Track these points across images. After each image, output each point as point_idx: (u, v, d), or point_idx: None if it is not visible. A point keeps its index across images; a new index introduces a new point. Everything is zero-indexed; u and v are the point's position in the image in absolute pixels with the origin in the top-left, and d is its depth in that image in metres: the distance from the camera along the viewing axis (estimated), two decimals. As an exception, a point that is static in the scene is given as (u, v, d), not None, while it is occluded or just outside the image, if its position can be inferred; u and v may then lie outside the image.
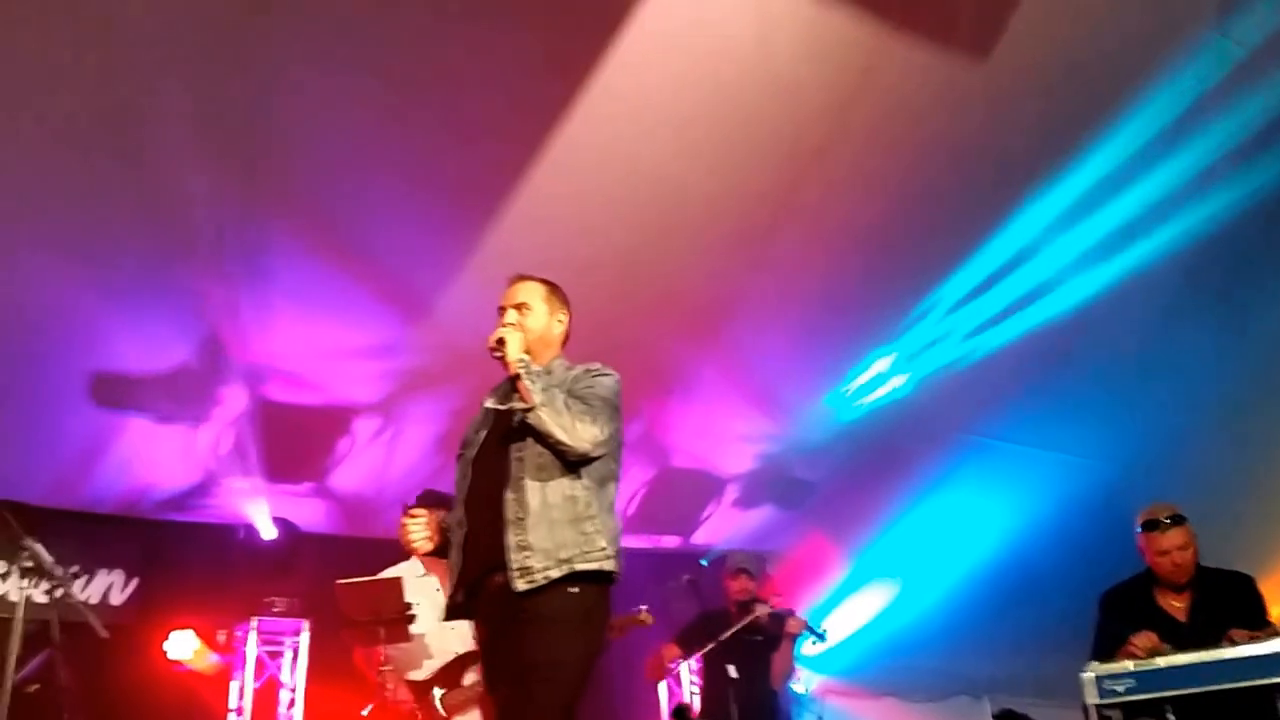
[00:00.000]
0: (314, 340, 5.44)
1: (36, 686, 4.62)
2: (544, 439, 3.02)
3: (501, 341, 3.10)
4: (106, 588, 5.84)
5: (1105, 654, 3.59)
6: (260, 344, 5.42)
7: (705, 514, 7.14)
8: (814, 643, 5.50)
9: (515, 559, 2.95)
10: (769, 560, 7.80)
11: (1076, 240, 5.85)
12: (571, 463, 3.04)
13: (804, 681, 7.85)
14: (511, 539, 2.98)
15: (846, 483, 7.24)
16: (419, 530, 3.23)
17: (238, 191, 4.74)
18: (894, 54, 4.87)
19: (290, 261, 5.07)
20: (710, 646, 5.11)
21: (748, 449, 6.93)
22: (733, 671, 4.94)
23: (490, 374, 3.23)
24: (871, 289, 5.90)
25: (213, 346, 5.38)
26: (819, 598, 7.79)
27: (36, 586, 4.98)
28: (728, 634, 5.08)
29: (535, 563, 2.95)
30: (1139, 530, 3.87)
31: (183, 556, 6.06)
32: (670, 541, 7.16)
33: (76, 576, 5.55)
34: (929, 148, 5.28)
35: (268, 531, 5.97)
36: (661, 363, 6.04)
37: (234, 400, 5.62)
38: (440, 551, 3.28)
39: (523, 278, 3.32)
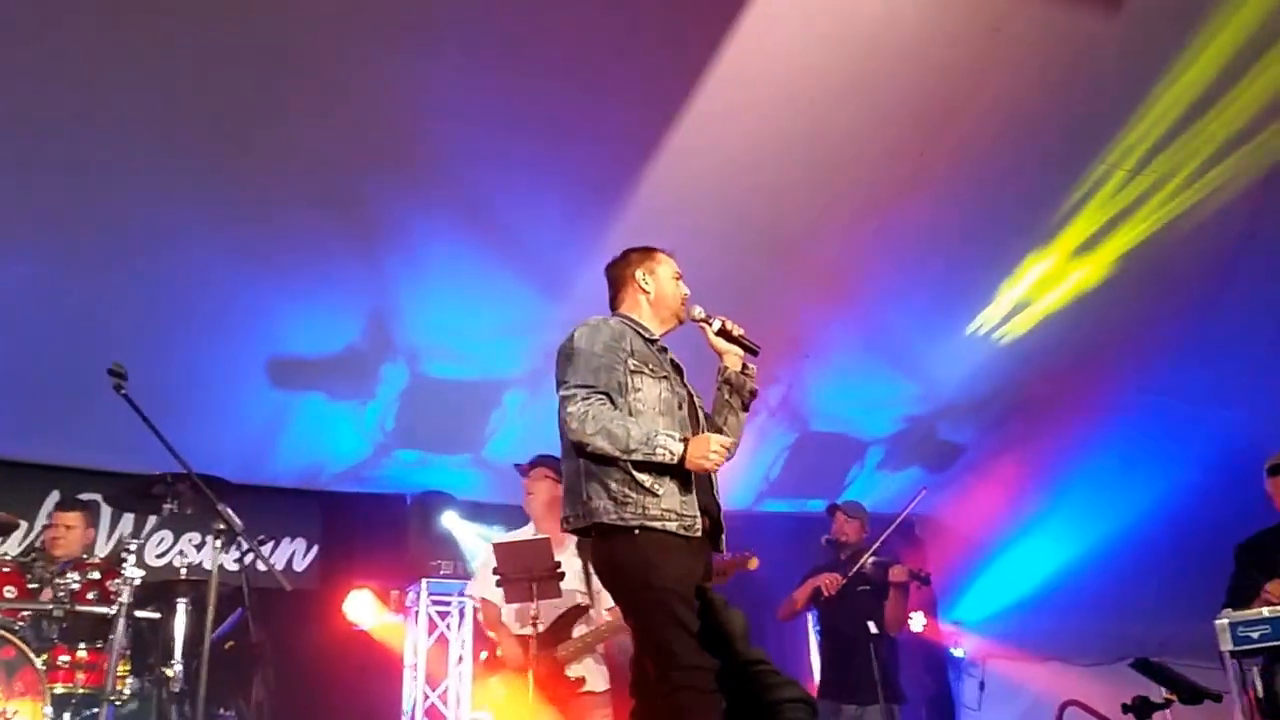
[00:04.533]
0: (464, 319, 5.78)
1: (231, 644, 5.10)
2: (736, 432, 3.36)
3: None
4: (290, 555, 6.46)
5: (1241, 603, 3.54)
6: (417, 324, 5.81)
7: (849, 478, 7.19)
8: (919, 588, 5.59)
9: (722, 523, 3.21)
10: (917, 525, 7.82)
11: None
12: None
13: (965, 645, 7.83)
14: (720, 505, 3.21)
15: (997, 444, 7.17)
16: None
17: (393, 182, 5.09)
18: (1021, 13, 4.79)
19: (441, 246, 5.40)
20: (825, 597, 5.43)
21: (889, 411, 6.94)
22: (873, 627, 5.09)
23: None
24: (1002, 249, 5.82)
25: (375, 328, 5.79)
26: (974, 560, 7.75)
27: (228, 553, 5.51)
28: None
29: None
30: (1267, 475, 3.78)
31: (358, 525, 6.59)
32: (813, 505, 7.22)
33: (263, 544, 6.09)
34: (1059, 106, 5.16)
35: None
36: (797, 327, 6.11)
37: (396, 377, 6.04)
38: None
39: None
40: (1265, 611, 3.37)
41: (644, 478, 3.05)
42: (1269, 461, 3.94)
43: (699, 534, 3.08)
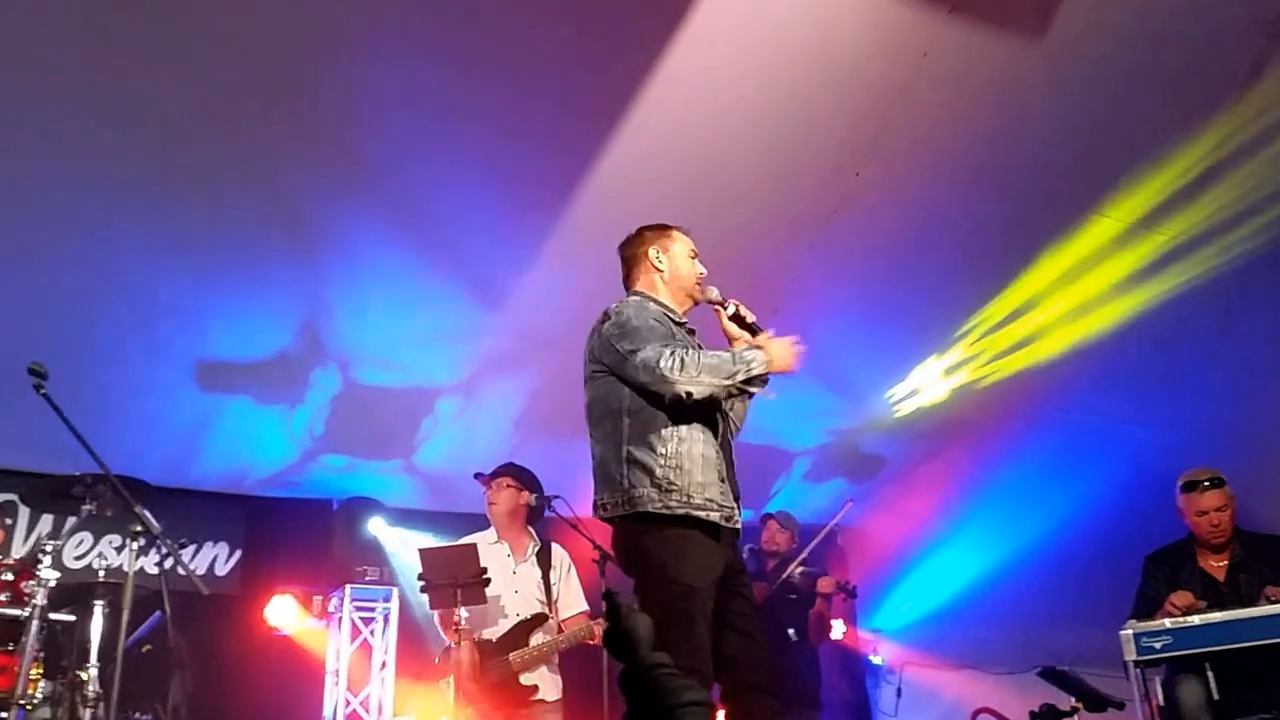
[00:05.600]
0: (399, 325, 5.75)
1: (148, 648, 5.00)
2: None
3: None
4: (212, 559, 6.35)
5: (1145, 613, 3.70)
6: (350, 330, 5.76)
7: (775, 488, 7.30)
8: (845, 600, 5.72)
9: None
10: (839, 534, 7.97)
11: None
12: None
13: (883, 653, 7.99)
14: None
15: (918, 457, 7.34)
16: None
17: (327, 186, 5.05)
18: (951, 37, 4.91)
19: (377, 252, 5.37)
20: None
21: (816, 424, 7.05)
22: (793, 635, 5.20)
23: (564, 358, 3.36)
24: (929, 270, 5.95)
25: (307, 333, 5.74)
26: (893, 569, 7.91)
27: (147, 555, 5.41)
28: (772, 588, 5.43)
29: None
30: (1179, 491, 3.96)
31: (282, 529, 6.51)
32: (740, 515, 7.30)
33: (184, 547, 5.96)
34: (987, 131, 5.31)
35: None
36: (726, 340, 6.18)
37: (327, 383, 5.98)
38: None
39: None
40: (1168, 623, 3.53)
41: (686, 462, 2.99)
42: (1182, 478, 4.11)
43: (738, 525, 3.06)
